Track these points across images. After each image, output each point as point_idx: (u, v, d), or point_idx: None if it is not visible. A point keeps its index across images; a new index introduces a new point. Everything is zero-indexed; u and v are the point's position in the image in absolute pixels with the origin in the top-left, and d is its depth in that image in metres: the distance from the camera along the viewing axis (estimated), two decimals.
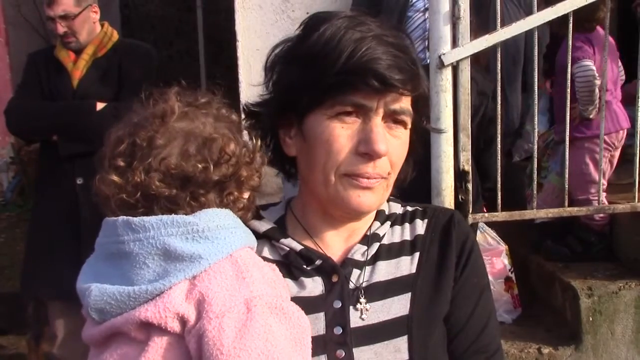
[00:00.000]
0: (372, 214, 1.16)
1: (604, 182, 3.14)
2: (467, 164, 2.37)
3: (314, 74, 1.01)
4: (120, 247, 0.93)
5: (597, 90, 3.00)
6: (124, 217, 0.94)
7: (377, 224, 1.15)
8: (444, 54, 2.26)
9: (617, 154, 3.24)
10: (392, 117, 1.04)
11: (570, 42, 2.52)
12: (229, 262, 0.91)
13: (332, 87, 1.00)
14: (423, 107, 1.11)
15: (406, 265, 1.13)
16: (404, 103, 1.04)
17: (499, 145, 2.52)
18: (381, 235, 1.14)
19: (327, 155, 1.03)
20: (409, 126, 1.08)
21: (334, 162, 1.03)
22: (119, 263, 0.94)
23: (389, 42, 1.01)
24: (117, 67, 3.01)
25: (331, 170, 1.03)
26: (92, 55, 3.02)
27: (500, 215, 2.51)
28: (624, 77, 3.36)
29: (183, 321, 0.88)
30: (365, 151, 1.01)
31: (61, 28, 2.93)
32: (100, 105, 2.90)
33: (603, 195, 3.12)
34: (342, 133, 1.02)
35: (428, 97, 1.12)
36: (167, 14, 7.94)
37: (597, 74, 3.04)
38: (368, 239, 1.13)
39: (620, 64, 3.33)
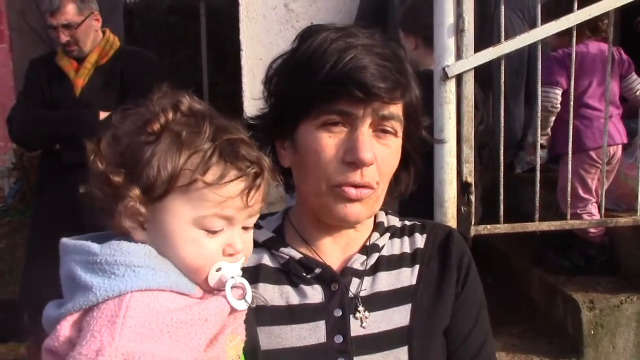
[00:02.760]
0: (370, 225, 1.17)
1: (592, 198, 3.13)
2: (470, 176, 2.37)
3: (301, 85, 1.02)
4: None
5: (550, 120, 2.98)
6: (64, 238, 0.94)
7: (377, 235, 1.16)
8: (447, 66, 2.27)
9: (609, 168, 3.15)
10: (381, 125, 1.04)
11: (573, 55, 2.53)
12: (116, 301, 0.84)
13: (316, 97, 1.01)
14: (414, 115, 1.11)
15: (406, 276, 1.14)
16: (393, 109, 1.04)
17: (501, 158, 2.52)
18: (380, 246, 1.15)
19: (316, 165, 1.03)
20: (400, 134, 1.08)
21: (323, 172, 1.03)
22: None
23: (376, 52, 1.01)
24: (119, 74, 3.01)
25: (321, 181, 1.04)
26: (94, 63, 3.01)
27: (503, 228, 2.51)
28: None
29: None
30: (351, 160, 1.02)
31: (64, 37, 2.93)
32: (103, 115, 2.90)
33: (593, 209, 3.11)
34: (329, 143, 1.03)
35: (418, 106, 1.11)
36: (170, 22, 7.97)
37: (557, 104, 3.04)
38: (367, 249, 1.14)
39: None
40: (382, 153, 1.04)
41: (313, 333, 1.06)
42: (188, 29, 7.81)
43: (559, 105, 3.09)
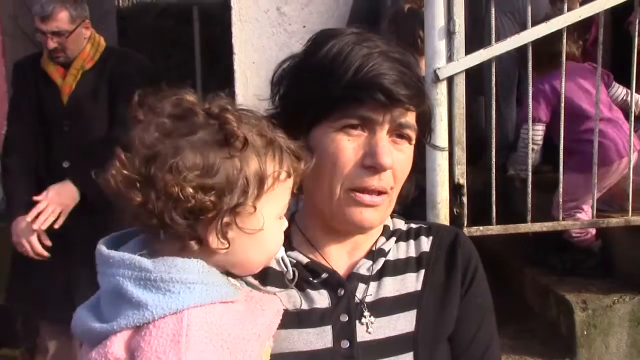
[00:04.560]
0: (378, 229, 1.16)
1: (583, 207, 3.13)
2: (462, 178, 2.38)
3: (322, 87, 1.03)
4: (98, 276, 0.92)
5: (533, 156, 2.94)
6: (100, 245, 0.92)
7: (383, 239, 1.16)
8: (439, 68, 2.28)
9: (611, 181, 3.14)
10: (398, 132, 1.05)
11: (564, 59, 2.55)
12: (174, 319, 0.84)
13: (339, 100, 1.02)
14: (426, 123, 1.12)
15: (412, 282, 1.13)
16: (409, 118, 1.06)
17: (493, 159, 2.54)
18: (386, 250, 1.15)
19: (333, 167, 1.04)
20: (413, 141, 1.09)
21: (340, 175, 1.04)
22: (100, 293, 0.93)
23: (395, 58, 1.03)
24: (107, 77, 2.91)
25: (337, 183, 1.04)
26: (80, 68, 2.92)
27: (495, 229, 2.52)
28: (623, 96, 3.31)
29: None
30: (371, 164, 1.02)
31: (52, 43, 2.84)
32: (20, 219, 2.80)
33: (580, 214, 3.12)
34: (348, 146, 1.03)
35: (431, 114, 1.13)
36: (164, 26, 7.96)
37: (539, 140, 3.01)
38: (373, 254, 1.13)
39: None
40: (398, 158, 1.05)
41: (320, 338, 1.06)
42: (181, 33, 7.80)
43: (540, 142, 3.08)
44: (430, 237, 1.19)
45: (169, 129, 0.88)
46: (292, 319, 1.06)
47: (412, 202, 1.20)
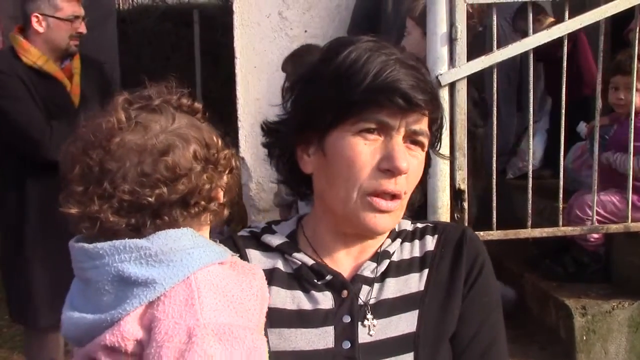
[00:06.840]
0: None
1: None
2: (463, 183, 2.39)
3: (339, 92, 1.04)
4: (81, 273, 0.93)
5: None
6: (79, 243, 0.93)
7: (388, 241, 1.17)
8: (441, 74, 2.30)
9: None
10: (412, 138, 1.07)
11: (564, 65, 2.56)
12: (184, 285, 0.88)
13: (357, 105, 1.04)
14: (437, 130, 1.14)
15: (414, 282, 1.14)
16: (423, 125, 1.08)
17: (494, 165, 2.55)
18: (391, 252, 1.16)
19: (349, 170, 1.05)
20: (426, 148, 1.11)
21: (356, 178, 1.05)
22: (85, 289, 0.93)
23: (410, 65, 1.06)
24: (92, 78, 2.89)
25: (354, 187, 1.05)
26: (78, 68, 2.85)
27: (495, 234, 2.53)
28: None
29: (142, 345, 0.87)
30: (388, 167, 1.04)
31: (84, 28, 2.78)
32: None
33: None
34: (364, 150, 1.04)
35: (442, 121, 1.15)
36: (164, 29, 7.98)
37: None
38: (378, 256, 1.15)
39: None
40: (412, 163, 1.07)
41: (322, 338, 1.07)
42: (181, 36, 7.83)
43: None
44: (436, 236, 1.20)
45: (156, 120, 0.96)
46: (296, 319, 1.09)
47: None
